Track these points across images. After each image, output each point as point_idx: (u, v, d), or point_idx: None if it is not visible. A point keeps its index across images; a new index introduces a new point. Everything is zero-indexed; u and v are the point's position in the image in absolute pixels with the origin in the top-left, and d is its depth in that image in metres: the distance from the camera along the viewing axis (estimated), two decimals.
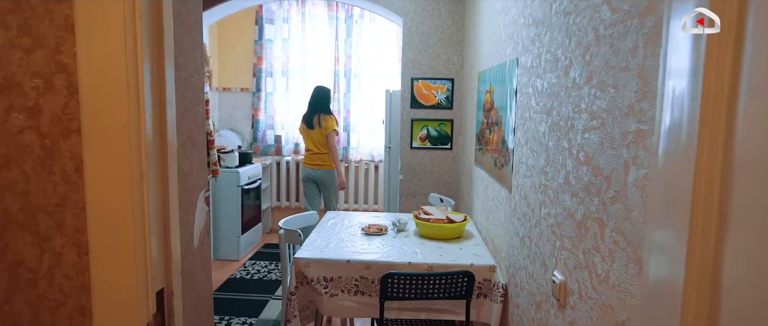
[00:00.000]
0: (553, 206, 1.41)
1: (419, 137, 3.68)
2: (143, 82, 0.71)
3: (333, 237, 2.43)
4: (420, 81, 3.63)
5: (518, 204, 1.85)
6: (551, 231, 1.44)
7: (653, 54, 0.87)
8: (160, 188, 0.77)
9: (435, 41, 3.59)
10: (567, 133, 1.31)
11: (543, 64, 1.55)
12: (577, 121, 1.24)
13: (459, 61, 3.60)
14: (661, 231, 0.78)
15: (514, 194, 1.92)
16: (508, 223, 2.02)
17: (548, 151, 1.48)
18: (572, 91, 1.28)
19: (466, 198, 3.35)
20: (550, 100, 1.47)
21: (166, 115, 0.77)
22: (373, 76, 4.90)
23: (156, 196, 0.76)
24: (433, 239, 2.42)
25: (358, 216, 2.92)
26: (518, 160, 1.87)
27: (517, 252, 1.85)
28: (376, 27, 4.81)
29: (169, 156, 0.78)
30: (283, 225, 2.46)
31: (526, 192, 1.73)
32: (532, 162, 1.67)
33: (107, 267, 0.74)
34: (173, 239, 0.80)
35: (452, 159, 3.69)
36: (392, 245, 2.32)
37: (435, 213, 2.53)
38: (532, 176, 1.65)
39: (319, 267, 2.10)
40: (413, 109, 3.65)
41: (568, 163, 1.30)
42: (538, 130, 1.60)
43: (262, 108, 4.94)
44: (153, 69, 0.75)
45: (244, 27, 4.88)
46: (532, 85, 1.67)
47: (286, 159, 4.99)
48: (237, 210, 4.12)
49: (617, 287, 1.00)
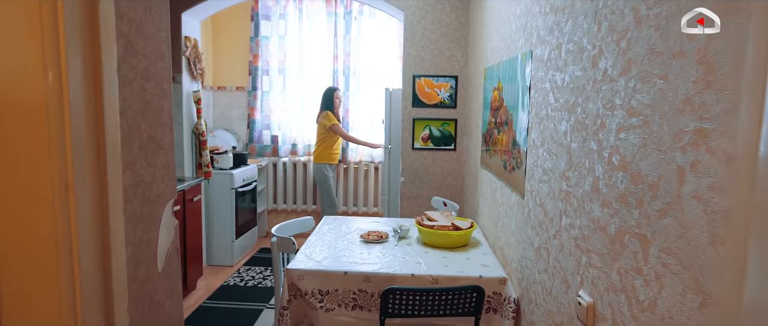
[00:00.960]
0: (578, 216, 1.24)
1: (421, 137, 3.50)
2: (66, 68, 0.54)
3: (329, 246, 2.25)
4: (422, 78, 3.45)
5: (533, 212, 1.68)
6: (575, 245, 1.26)
7: (723, 35, 0.70)
8: (95, 202, 0.60)
9: (438, 36, 3.41)
10: (596, 133, 1.14)
11: (564, 55, 1.38)
12: (610, 118, 1.07)
13: (463, 57, 3.42)
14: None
15: (528, 200, 1.74)
16: (520, 232, 1.85)
17: (571, 154, 1.31)
18: (602, 85, 1.11)
19: (470, 202, 3.17)
20: (573, 95, 1.29)
21: (103, 110, 0.59)
22: (372, 74, 4.72)
23: (89, 213, 0.59)
24: (438, 247, 2.24)
25: (356, 221, 2.75)
26: (532, 163, 1.69)
27: (532, 265, 1.68)
28: (376, 23, 4.64)
29: (109, 162, 0.61)
30: (276, 233, 2.29)
31: (543, 199, 1.56)
32: (549, 165, 1.50)
33: (20, 306, 0.56)
34: (116, 265, 0.63)
35: (456, 160, 3.52)
36: (393, 254, 2.14)
37: (439, 219, 2.36)
38: (550, 181, 1.48)
39: (314, 279, 1.92)
40: (415, 107, 3.48)
41: (597, 168, 1.13)
42: (557, 130, 1.43)
43: (259, 107, 4.76)
44: (86, 53, 0.57)
45: (239, 23, 4.71)
46: (550, 80, 1.50)
47: (283, 160, 4.81)
48: (231, 214, 3.95)
49: (668, 319, 0.82)
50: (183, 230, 3.14)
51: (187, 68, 3.50)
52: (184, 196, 3.09)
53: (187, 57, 3.46)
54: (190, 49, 3.46)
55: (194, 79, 3.59)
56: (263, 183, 4.82)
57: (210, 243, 3.98)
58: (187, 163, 3.58)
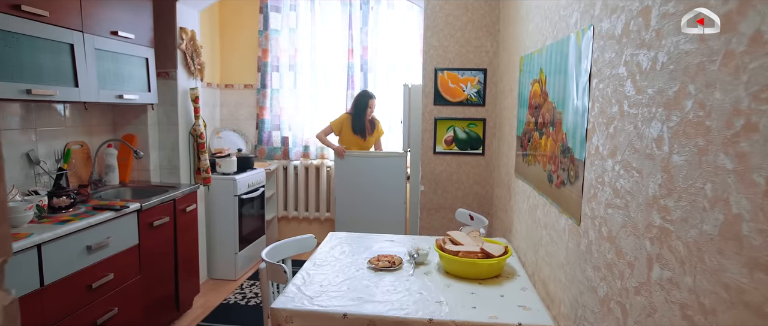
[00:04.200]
0: (689, 272, 0.79)
1: (444, 140, 3.06)
2: None
3: (329, 273, 1.84)
4: (445, 72, 3.01)
5: (596, 247, 1.22)
6: (682, 315, 0.81)
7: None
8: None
9: (463, 23, 2.96)
10: (731, 141, 0.69)
11: (656, 22, 0.92)
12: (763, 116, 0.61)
13: (493, 46, 2.96)
14: None
15: (587, 229, 1.29)
16: (574, 268, 1.40)
17: (670, 171, 0.85)
18: (746, 59, 0.66)
19: (501, 216, 2.71)
20: (676, 81, 0.84)
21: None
22: (391, 69, 4.29)
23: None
24: (463, 279, 1.80)
25: (367, 239, 2.33)
26: (595, 179, 1.24)
27: (594, 318, 1.22)
28: (395, 13, 4.21)
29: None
30: (267, 257, 1.89)
31: (614, 231, 1.10)
32: (626, 185, 1.04)
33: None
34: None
35: (485, 166, 3.06)
36: (408, 288, 1.72)
37: (465, 242, 1.92)
38: (629, 208, 1.03)
39: (305, 323, 1.51)
40: (437, 106, 3.03)
41: (737, 200, 0.67)
42: (641, 134, 0.97)
43: (268, 106, 4.41)
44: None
45: (247, 16, 4.36)
46: (629, 62, 1.05)
47: (294, 163, 4.44)
48: (234, 224, 3.59)
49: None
50: (174, 245, 2.79)
51: (183, 63, 3.16)
52: (174, 207, 2.74)
53: (183, 50, 3.11)
54: (186, 42, 3.12)
55: (191, 75, 3.24)
56: (272, 189, 4.46)
57: (211, 255, 3.63)
58: (184, 168, 3.24)
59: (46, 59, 2.08)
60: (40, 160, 2.43)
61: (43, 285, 1.81)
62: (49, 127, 2.53)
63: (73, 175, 2.65)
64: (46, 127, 2.51)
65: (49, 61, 2.10)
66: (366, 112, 3.88)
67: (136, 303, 2.40)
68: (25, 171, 2.37)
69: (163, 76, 3.10)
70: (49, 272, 1.84)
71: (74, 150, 2.68)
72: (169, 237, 2.73)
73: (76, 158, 2.69)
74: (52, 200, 2.14)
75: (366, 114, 3.88)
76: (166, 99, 3.11)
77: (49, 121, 2.53)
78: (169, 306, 2.79)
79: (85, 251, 2.03)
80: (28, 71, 1.98)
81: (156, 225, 2.55)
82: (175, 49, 3.08)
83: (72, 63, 2.23)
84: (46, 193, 2.16)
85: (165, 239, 2.69)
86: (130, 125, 3.05)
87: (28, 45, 1.98)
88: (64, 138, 2.64)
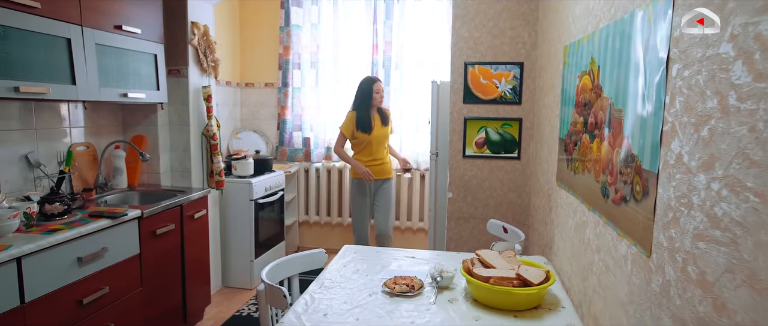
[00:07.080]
0: None
1: (475, 142, 2.75)
2: None
3: (337, 298, 1.59)
4: (476, 66, 2.70)
5: (677, 290, 0.91)
6: None
7: None
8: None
9: (497, 12, 2.65)
10: None
11: None
12: None
13: (531, 36, 2.63)
14: None
15: (662, 264, 0.97)
16: (641, 311, 1.08)
17: None
18: None
19: (540, 229, 2.38)
20: None
21: None
22: (419, 65, 4.01)
23: None
24: (496, 310, 1.51)
25: (386, 254, 2.06)
26: (677, 199, 0.92)
27: None
28: (423, 5, 3.92)
29: None
30: (267, 277, 1.65)
31: (710, 274, 0.79)
32: (734, 212, 0.73)
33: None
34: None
35: (521, 172, 2.73)
36: (427, 321, 1.44)
37: (498, 264, 1.62)
38: (739, 246, 0.71)
39: None
40: (467, 104, 2.73)
41: None
42: (764, 141, 0.66)
43: (289, 106, 4.20)
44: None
45: (268, 12, 4.18)
46: (740, 35, 0.73)
47: (316, 165, 4.22)
48: (249, 230, 3.40)
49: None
50: (181, 254, 2.60)
51: (195, 59, 2.98)
52: (181, 213, 2.56)
53: (195, 46, 2.93)
54: (199, 37, 2.94)
55: (204, 72, 3.07)
56: (293, 192, 4.26)
57: (226, 262, 3.45)
58: (196, 171, 3.06)
59: (38, 54, 1.92)
60: (40, 163, 2.29)
61: (23, 302, 1.64)
62: (51, 128, 2.39)
63: (78, 178, 2.50)
64: (48, 128, 2.37)
65: (41, 56, 1.93)
66: (373, 99, 3.27)
67: (136, 316, 2.22)
68: (24, 174, 2.23)
69: (174, 73, 2.93)
70: (30, 288, 1.66)
71: (80, 152, 2.53)
72: (176, 245, 2.55)
73: (82, 160, 2.54)
74: (43, 207, 1.98)
75: (373, 101, 3.28)
76: (177, 98, 2.94)
77: (51, 121, 2.39)
78: (175, 318, 2.61)
79: (75, 263, 1.85)
80: (17, 67, 1.82)
81: (160, 233, 2.36)
82: (187, 45, 2.91)
83: (69, 59, 2.06)
84: (39, 199, 2.00)
85: (170, 248, 2.50)
86: (139, 125, 2.90)
87: (18, 39, 1.82)
88: (69, 139, 2.50)
